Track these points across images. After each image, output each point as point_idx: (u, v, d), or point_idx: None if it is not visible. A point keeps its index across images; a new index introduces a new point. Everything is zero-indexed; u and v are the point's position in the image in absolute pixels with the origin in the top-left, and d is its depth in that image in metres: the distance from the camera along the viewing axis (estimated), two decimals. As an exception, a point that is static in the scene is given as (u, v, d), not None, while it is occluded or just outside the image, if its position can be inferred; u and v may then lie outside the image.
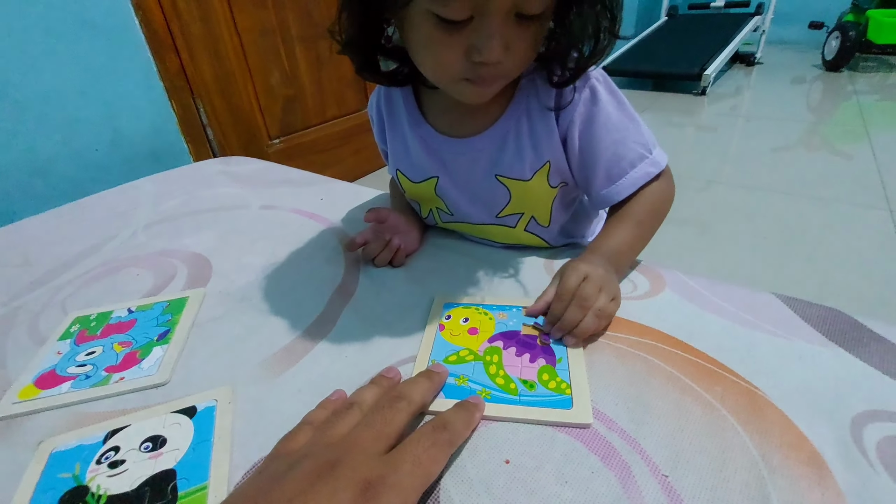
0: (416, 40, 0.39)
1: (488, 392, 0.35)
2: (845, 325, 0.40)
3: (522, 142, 0.46)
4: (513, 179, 0.48)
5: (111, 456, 0.32)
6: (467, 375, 0.37)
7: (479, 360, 0.38)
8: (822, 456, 0.29)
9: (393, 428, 0.28)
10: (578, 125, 0.45)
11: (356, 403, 0.31)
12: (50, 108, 0.92)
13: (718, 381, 0.35)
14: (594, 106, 0.44)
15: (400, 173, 0.53)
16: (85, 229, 0.69)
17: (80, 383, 0.40)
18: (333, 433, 0.28)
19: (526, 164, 0.47)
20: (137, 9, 0.99)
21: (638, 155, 0.46)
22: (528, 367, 0.37)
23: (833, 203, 1.44)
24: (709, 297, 0.44)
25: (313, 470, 0.24)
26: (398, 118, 0.51)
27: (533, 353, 0.38)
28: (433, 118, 0.49)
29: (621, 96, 0.46)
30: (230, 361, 0.41)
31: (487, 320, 0.43)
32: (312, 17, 1.36)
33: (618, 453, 0.30)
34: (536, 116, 0.46)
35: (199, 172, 0.89)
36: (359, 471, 0.24)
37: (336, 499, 0.22)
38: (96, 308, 0.50)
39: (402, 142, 0.51)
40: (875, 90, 2.55)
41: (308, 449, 0.27)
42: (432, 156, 0.50)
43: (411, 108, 0.50)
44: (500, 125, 0.46)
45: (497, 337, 0.41)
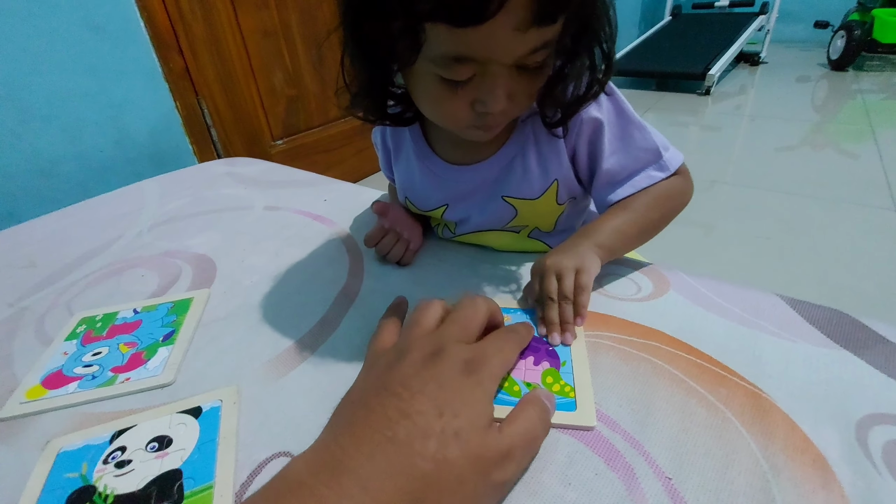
0: (421, 94, 0.39)
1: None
2: (850, 327, 0.40)
3: (529, 164, 0.46)
4: (520, 199, 0.48)
5: (118, 456, 0.33)
6: None
7: None
8: (827, 459, 0.29)
9: (475, 323, 0.32)
10: (586, 137, 0.45)
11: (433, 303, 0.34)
12: (55, 109, 0.92)
13: (723, 383, 0.35)
14: (599, 116, 0.44)
15: (409, 201, 0.54)
16: (90, 230, 0.69)
17: (86, 383, 0.40)
18: (423, 327, 0.31)
19: (534, 185, 0.47)
20: (142, 10, 1.00)
21: (644, 161, 0.46)
22: (531, 369, 0.37)
23: (839, 203, 1.43)
24: (713, 299, 0.44)
25: (420, 357, 0.28)
26: (405, 151, 0.51)
27: (537, 356, 0.38)
28: (440, 149, 0.49)
29: (626, 105, 0.46)
30: (235, 362, 0.41)
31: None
32: (315, 18, 1.36)
33: (621, 455, 0.30)
34: (543, 138, 0.46)
35: (203, 173, 0.89)
36: (459, 355, 0.28)
37: (445, 374, 0.26)
38: (102, 309, 0.50)
39: (410, 174, 0.52)
40: (881, 89, 2.53)
41: (407, 341, 0.30)
42: (441, 186, 0.50)
43: (418, 140, 0.50)
44: (507, 149, 0.47)
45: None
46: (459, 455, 0.23)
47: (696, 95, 2.61)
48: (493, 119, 0.39)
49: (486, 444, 0.24)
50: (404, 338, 0.31)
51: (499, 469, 0.25)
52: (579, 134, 0.45)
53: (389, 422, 0.24)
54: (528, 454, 0.28)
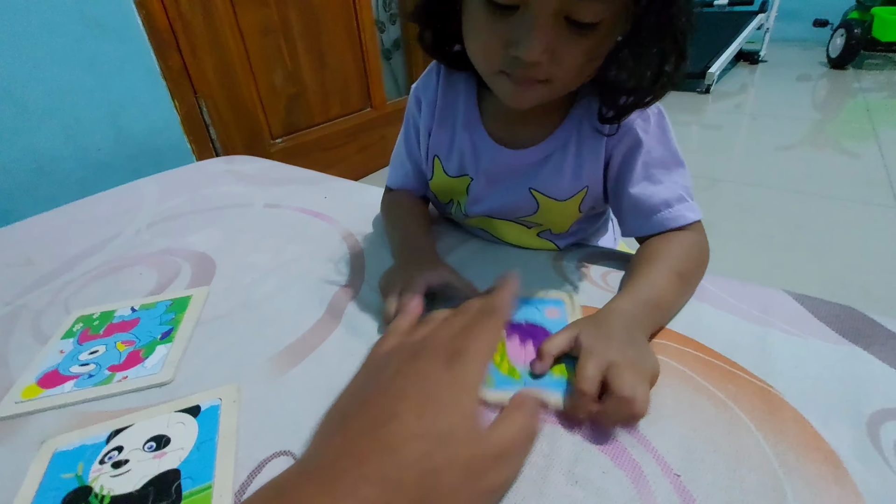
0: (467, 22, 0.38)
1: (493, 381, 0.35)
2: (859, 323, 0.39)
3: (566, 163, 0.45)
4: (547, 197, 0.47)
5: (114, 456, 0.32)
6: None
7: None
8: (839, 455, 0.28)
9: (459, 324, 0.30)
10: (622, 151, 0.44)
11: (432, 318, 0.33)
12: (53, 107, 0.92)
13: (731, 379, 0.34)
14: (642, 135, 0.43)
15: (437, 160, 0.51)
16: (88, 228, 0.68)
17: (83, 382, 0.39)
18: (416, 336, 0.31)
19: (565, 185, 0.46)
20: (140, 7, 0.99)
21: (676, 196, 0.44)
22: (531, 354, 0.37)
23: (840, 201, 1.42)
24: (721, 296, 0.43)
25: (403, 359, 0.27)
26: (453, 109, 0.49)
27: (536, 342, 0.38)
28: (488, 121, 0.48)
29: (671, 134, 0.45)
30: (235, 360, 0.41)
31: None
32: (315, 15, 1.35)
33: (628, 453, 0.29)
34: (586, 140, 0.44)
35: (202, 171, 0.88)
36: (439, 349, 0.28)
37: (427, 370, 0.26)
38: (99, 307, 0.49)
39: (450, 133, 0.49)
40: (881, 87, 2.53)
41: (396, 348, 0.30)
42: (475, 156, 0.48)
43: (471, 105, 0.48)
44: (550, 142, 0.45)
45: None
46: (446, 462, 0.22)
47: (696, 94, 2.60)
48: (524, 72, 0.35)
49: (475, 447, 0.23)
50: (392, 341, 0.31)
51: (491, 473, 0.24)
52: (618, 145, 0.44)
53: (376, 425, 0.23)
54: (520, 456, 0.26)
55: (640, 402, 0.29)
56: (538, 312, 0.42)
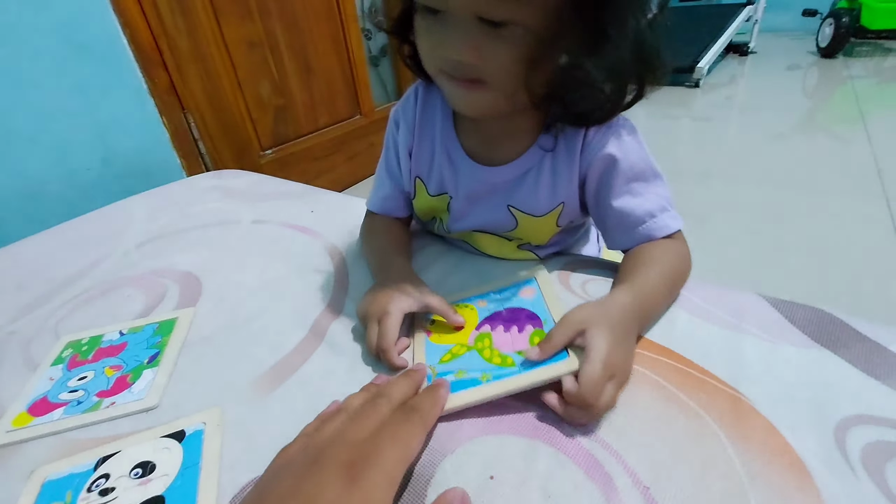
0: (416, 30, 0.40)
1: (488, 375, 0.36)
2: (832, 326, 0.40)
3: (542, 180, 0.46)
4: (524, 213, 0.48)
5: (101, 483, 0.33)
6: (464, 368, 0.37)
7: (472, 349, 0.39)
8: (805, 462, 0.29)
9: (373, 421, 0.29)
10: (598, 170, 0.45)
11: (343, 409, 0.32)
12: (40, 130, 0.92)
13: (703, 388, 0.35)
14: (616, 151, 0.43)
15: (419, 180, 0.52)
16: (77, 250, 0.69)
17: (72, 409, 0.40)
18: (321, 436, 0.29)
19: (542, 202, 0.47)
20: (125, 27, 1.00)
21: (658, 206, 0.45)
22: (518, 337, 0.38)
23: (829, 192, 1.43)
24: (696, 302, 0.44)
25: (299, 469, 0.25)
26: (431, 129, 0.50)
27: (520, 324, 0.39)
28: (465, 139, 0.49)
29: (645, 147, 0.45)
30: (219, 382, 0.41)
31: (469, 311, 0.44)
32: (300, 27, 1.36)
33: (601, 465, 0.30)
34: (561, 156, 0.45)
35: (191, 187, 0.89)
36: (340, 456, 0.25)
37: (324, 488, 0.23)
38: (88, 332, 0.50)
39: (430, 151, 0.50)
40: (870, 74, 2.54)
41: (297, 453, 0.28)
42: (454, 174, 0.49)
43: (447, 125, 0.49)
44: (525, 159, 0.46)
45: (483, 323, 0.42)
46: None
47: (685, 88, 2.61)
48: (458, 70, 0.37)
49: None
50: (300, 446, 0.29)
51: None
52: (591, 166, 0.44)
53: None
54: None
55: (607, 409, 0.33)
56: (513, 297, 0.43)
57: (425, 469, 0.31)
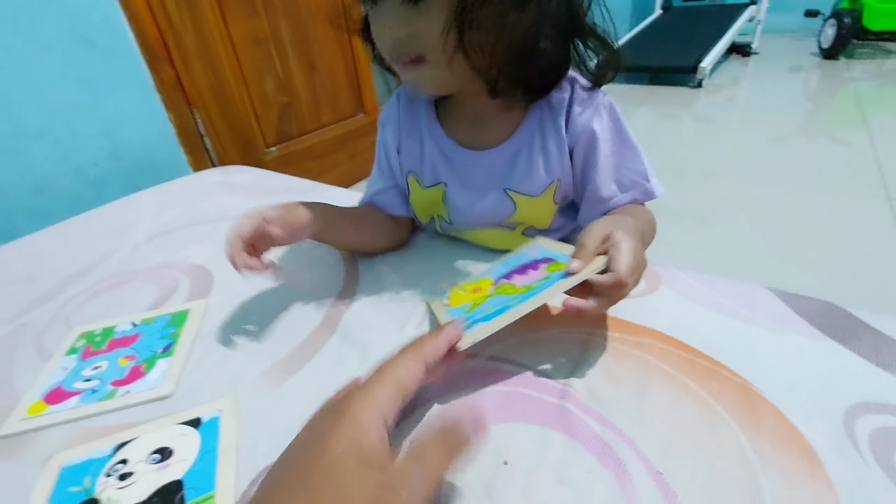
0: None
1: (517, 300, 0.35)
2: (839, 318, 0.40)
3: (534, 158, 0.47)
4: (521, 195, 0.49)
5: (120, 468, 0.33)
6: (492, 306, 0.37)
7: (495, 294, 0.40)
8: (815, 449, 0.29)
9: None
10: (582, 147, 0.47)
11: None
12: (48, 125, 0.93)
13: (713, 377, 0.35)
14: (598, 129, 0.45)
15: (412, 176, 0.54)
16: (87, 244, 0.69)
17: (87, 398, 0.41)
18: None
19: (537, 181, 0.48)
20: (131, 22, 1.00)
21: (630, 182, 0.48)
22: (536, 273, 0.39)
23: (831, 193, 1.44)
24: (704, 293, 0.45)
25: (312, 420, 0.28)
26: (417, 122, 0.52)
27: (534, 266, 0.41)
28: (450, 128, 0.50)
29: (624, 126, 0.47)
30: (233, 372, 0.42)
31: (482, 281, 0.44)
32: (305, 25, 1.36)
33: (613, 451, 0.30)
34: (549, 134, 0.47)
35: (197, 183, 0.89)
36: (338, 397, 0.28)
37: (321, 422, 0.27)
38: (101, 323, 0.50)
39: (419, 144, 0.52)
40: (872, 77, 2.54)
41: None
42: (446, 163, 0.51)
43: (431, 115, 0.51)
44: (514, 140, 0.48)
45: (498, 280, 0.42)
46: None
47: (688, 88, 2.61)
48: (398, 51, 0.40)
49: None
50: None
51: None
52: (577, 141, 0.46)
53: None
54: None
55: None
56: (523, 257, 0.44)
57: (440, 455, 0.31)
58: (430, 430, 0.26)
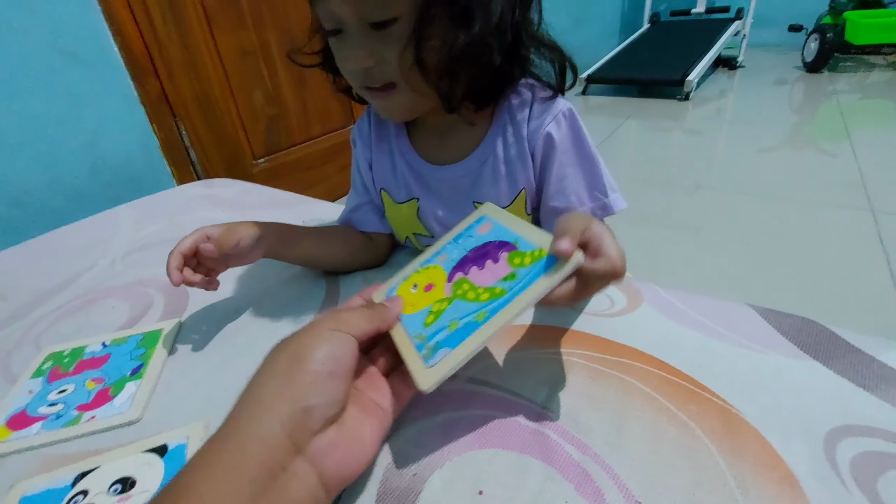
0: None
1: (484, 313, 0.31)
2: (820, 337, 0.40)
3: (498, 169, 0.48)
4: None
5: (80, 500, 0.32)
6: (455, 318, 0.33)
7: (454, 299, 0.34)
8: (796, 475, 0.29)
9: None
10: (540, 154, 0.47)
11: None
12: (28, 136, 0.91)
13: (693, 399, 0.35)
14: (556, 138, 0.46)
15: (384, 192, 0.54)
16: (62, 260, 0.68)
17: (50, 423, 0.39)
18: None
19: (503, 192, 0.48)
20: (116, 35, 0.99)
21: (587, 195, 0.47)
22: (496, 267, 0.34)
23: (816, 204, 1.45)
24: (686, 312, 0.44)
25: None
26: (387, 138, 0.53)
27: (493, 255, 0.35)
28: (418, 143, 0.51)
29: (584, 135, 0.47)
30: (205, 395, 0.40)
31: (434, 271, 0.38)
32: (294, 36, 1.37)
33: (592, 480, 0.30)
34: (511, 145, 0.47)
35: (180, 196, 0.88)
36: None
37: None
38: (70, 343, 0.49)
39: (390, 160, 0.53)
40: (855, 89, 2.59)
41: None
42: (417, 178, 0.51)
43: (401, 134, 0.52)
44: (479, 153, 0.48)
45: (452, 274, 0.37)
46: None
47: (676, 101, 2.65)
48: (366, 80, 0.41)
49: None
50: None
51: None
52: (536, 147, 0.47)
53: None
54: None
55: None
56: (472, 238, 0.39)
57: (414, 484, 0.30)
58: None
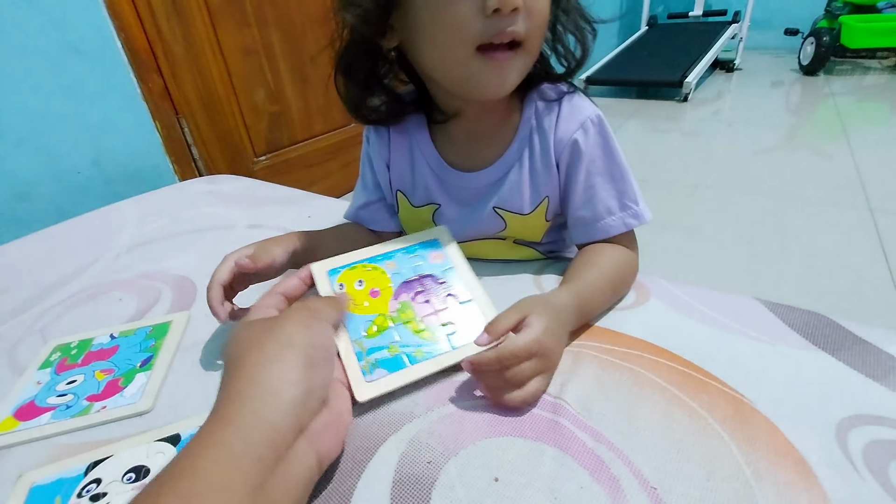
0: (424, 16, 0.37)
1: (423, 351, 0.37)
2: (828, 329, 0.40)
3: (523, 177, 0.47)
4: (511, 213, 0.48)
5: (92, 489, 0.32)
6: (395, 343, 0.38)
7: (398, 321, 0.39)
8: (808, 462, 0.29)
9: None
10: (566, 161, 0.46)
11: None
12: (30, 131, 0.91)
13: (705, 389, 0.35)
14: (583, 145, 0.45)
15: (401, 194, 0.53)
16: (66, 254, 0.68)
17: (60, 413, 0.39)
18: None
19: (525, 199, 0.47)
20: (119, 31, 0.99)
21: (618, 204, 0.46)
22: (440, 310, 0.40)
23: (815, 204, 1.46)
24: (694, 305, 0.44)
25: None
26: (407, 140, 0.50)
27: (438, 296, 0.41)
28: (442, 148, 0.49)
29: (613, 143, 0.46)
30: (216, 387, 0.40)
31: (380, 275, 0.42)
32: (297, 35, 1.36)
33: (606, 466, 0.30)
34: (538, 153, 0.46)
35: (183, 192, 0.88)
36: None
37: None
38: (77, 335, 0.49)
39: (409, 161, 0.51)
40: (850, 92, 2.61)
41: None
42: (439, 183, 0.50)
43: (424, 134, 0.49)
44: (505, 160, 0.47)
45: (399, 291, 0.41)
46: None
47: (675, 102, 2.66)
48: (506, 27, 0.36)
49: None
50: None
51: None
52: (562, 155, 0.46)
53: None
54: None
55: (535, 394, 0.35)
56: (423, 262, 0.43)
57: (429, 471, 0.30)
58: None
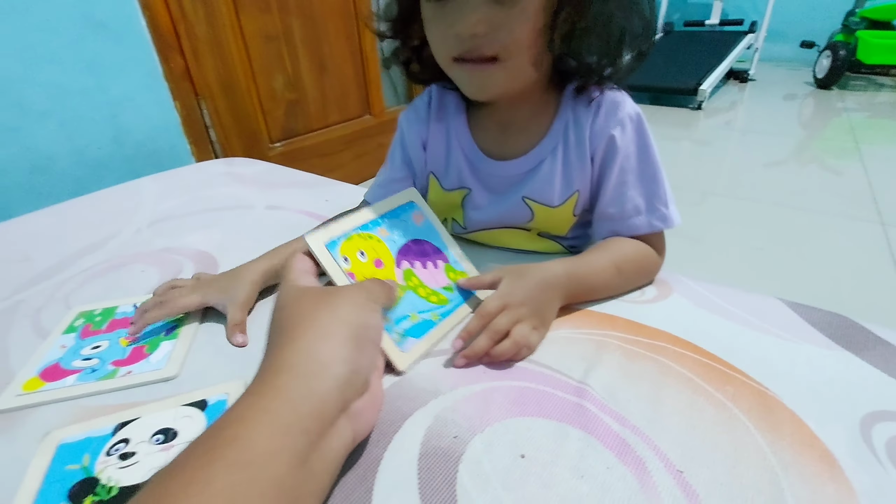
0: (424, 24, 0.42)
1: (436, 315, 0.41)
2: (850, 330, 0.40)
3: (556, 169, 0.47)
4: (539, 204, 0.49)
5: (121, 448, 0.32)
6: (413, 311, 0.40)
7: (407, 289, 0.41)
8: (834, 454, 0.29)
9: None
10: (601, 156, 0.46)
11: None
12: (52, 105, 0.92)
13: (729, 381, 0.35)
14: (619, 141, 0.45)
15: (433, 177, 0.53)
16: (87, 226, 0.68)
17: (86, 376, 0.39)
18: None
19: (556, 192, 0.48)
20: (144, 9, 1.00)
21: (646, 204, 0.46)
22: (436, 272, 0.43)
23: (825, 216, 1.46)
24: (716, 301, 0.45)
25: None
26: (445, 125, 0.51)
27: (432, 259, 0.44)
28: (478, 135, 0.50)
29: (649, 142, 0.46)
30: (240, 356, 0.41)
31: (377, 244, 0.42)
32: (317, 24, 1.37)
33: (632, 449, 0.30)
34: (572, 146, 0.47)
35: (202, 172, 0.88)
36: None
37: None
38: (101, 303, 0.49)
39: (445, 145, 0.52)
40: (864, 108, 2.60)
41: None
42: (472, 170, 0.51)
43: (461, 120, 0.50)
44: (539, 150, 0.47)
45: (399, 259, 0.42)
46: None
47: (688, 110, 2.66)
48: (471, 47, 0.39)
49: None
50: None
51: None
52: (597, 150, 0.46)
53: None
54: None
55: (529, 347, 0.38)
56: (408, 224, 0.44)
57: (455, 445, 0.31)
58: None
